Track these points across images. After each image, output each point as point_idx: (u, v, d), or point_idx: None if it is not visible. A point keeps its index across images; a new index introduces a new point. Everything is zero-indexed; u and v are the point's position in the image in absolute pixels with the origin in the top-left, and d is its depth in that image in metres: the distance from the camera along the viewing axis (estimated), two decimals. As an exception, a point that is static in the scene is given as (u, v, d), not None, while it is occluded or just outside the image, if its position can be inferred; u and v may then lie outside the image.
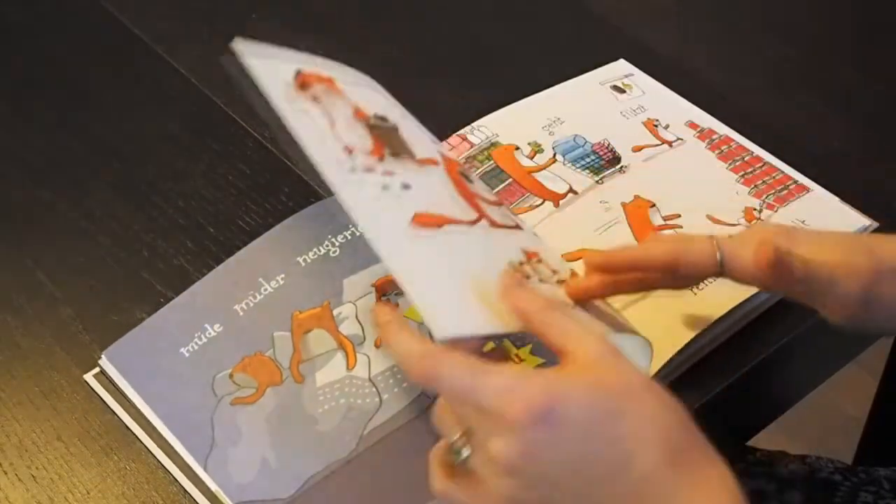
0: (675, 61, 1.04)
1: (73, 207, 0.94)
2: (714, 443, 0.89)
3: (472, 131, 0.94)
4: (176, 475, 0.76)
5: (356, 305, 0.82)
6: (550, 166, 0.92)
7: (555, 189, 0.90)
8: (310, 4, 1.14)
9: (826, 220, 0.88)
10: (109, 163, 0.98)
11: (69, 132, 1.01)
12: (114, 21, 1.10)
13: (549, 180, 0.91)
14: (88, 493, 0.76)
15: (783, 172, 0.92)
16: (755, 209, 0.88)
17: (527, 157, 0.92)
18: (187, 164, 0.97)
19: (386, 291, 0.82)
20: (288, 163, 0.95)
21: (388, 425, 0.77)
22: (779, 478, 0.92)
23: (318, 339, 0.80)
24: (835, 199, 0.90)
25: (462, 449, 0.61)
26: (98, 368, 0.81)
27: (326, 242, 0.84)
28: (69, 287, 0.88)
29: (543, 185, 0.90)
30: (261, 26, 1.11)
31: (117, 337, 0.82)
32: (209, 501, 0.75)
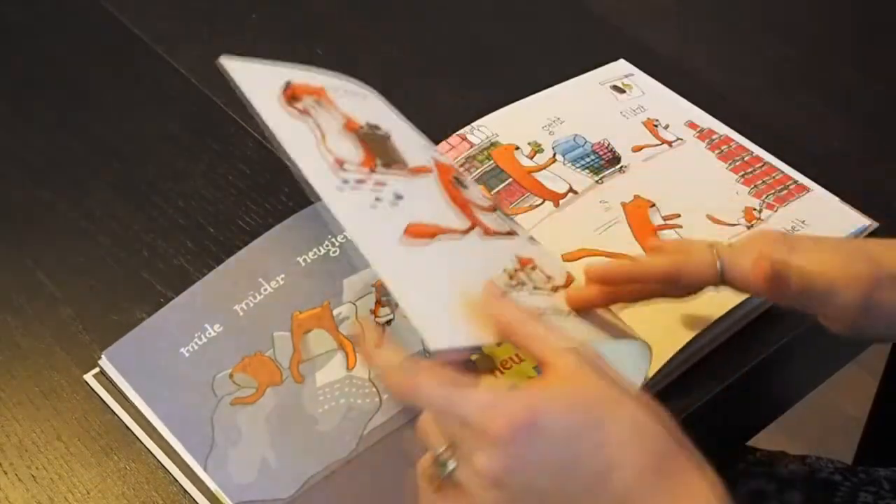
0: (675, 61, 1.04)
1: (73, 207, 0.94)
2: (714, 443, 0.89)
3: (472, 131, 0.94)
4: (176, 475, 0.76)
5: (356, 305, 0.82)
6: (550, 166, 0.92)
7: (555, 189, 0.90)
8: (310, 4, 1.14)
9: (826, 220, 0.88)
10: (109, 163, 0.98)
11: (69, 132, 1.01)
12: (114, 21, 1.10)
13: (549, 180, 0.91)
14: (88, 493, 0.76)
15: (783, 172, 0.92)
16: (755, 209, 0.88)
17: (527, 157, 0.92)
18: (187, 164, 0.97)
19: (386, 292, 0.82)
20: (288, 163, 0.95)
21: (388, 425, 0.77)
22: (779, 478, 0.92)
23: (318, 340, 0.80)
24: (835, 199, 0.90)
25: (448, 462, 0.61)
26: (98, 368, 0.82)
27: (326, 242, 0.84)
28: (69, 287, 0.88)
29: (543, 185, 0.90)
30: (261, 26, 1.11)
31: (117, 337, 0.82)
32: (209, 501, 0.75)
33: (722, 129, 0.95)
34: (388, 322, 0.80)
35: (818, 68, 1.06)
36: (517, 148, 0.93)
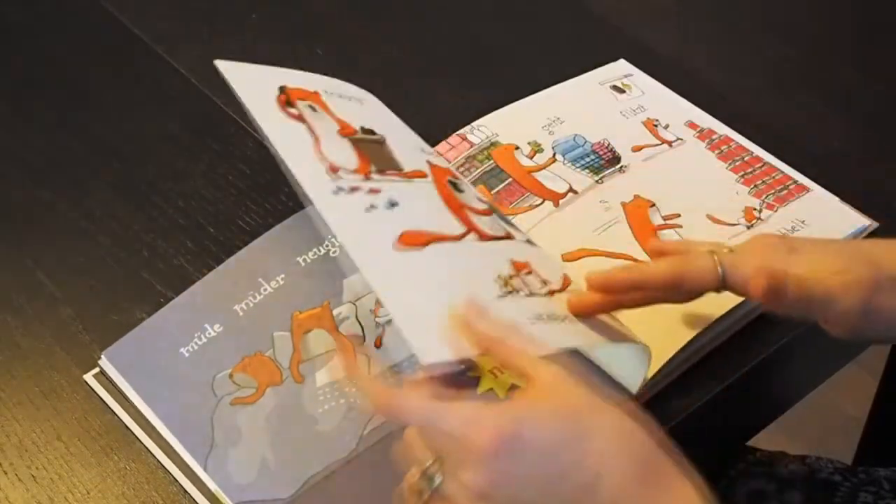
0: (675, 61, 1.04)
1: (73, 207, 0.94)
2: (714, 443, 0.89)
3: (472, 131, 0.94)
4: (176, 475, 0.76)
5: (356, 305, 0.82)
6: (550, 166, 0.92)
7: (554, 189, 0.90)
8: (310, 4, 1.14)
9: (826, 220, 0.88)
10: (109, 163, 0.98)
11: (69, 132, 1.01)
12: (114, 21, 1.10)
13: (549, 180, 0.90)
14: (88, 493, 0.76)
15: (783, 172, 0.92)
16: (755, 209, 0.88)
17: (526, 157, 0.92)
18: (187, 164, 0.97)
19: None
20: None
21: (388, 425, 0.76)
22: (779, 478, 0.92)
23: (318, 340, 0.80)
24: (835, 199, 0.90)
25: (434, 476, 0.62)
26: (98, 368, 0.82)
27: (326, 242, 0.84)
28: (69, 287, 0.88)
29: (543, 185, 0.90)
30: (261, 26, 1.11)
31: (117, 337, 0.82)
32: (209, 502, 0.75)
33: (722, 129, 0.95)
34: (389, 322, 0.80)
35: (818, 68, 1.06)
36: (517, 148, 0.93)
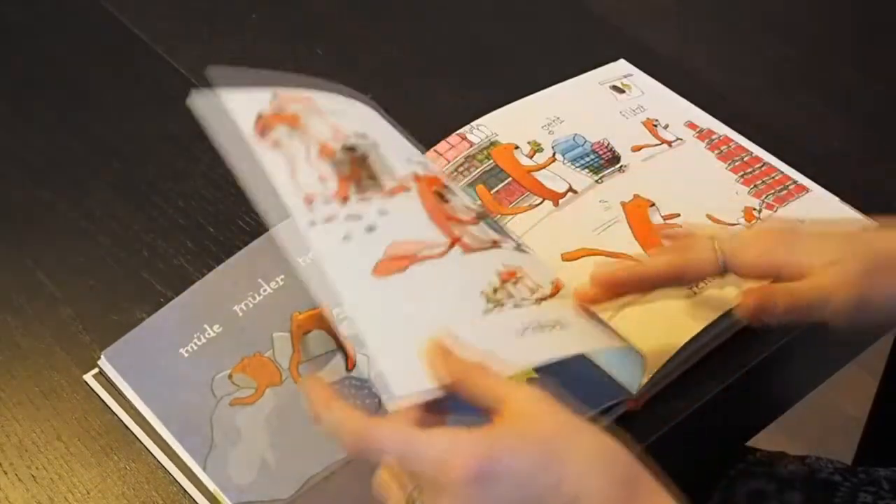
0: (675, 61, 1.04)
1: (73, 207, 0.94)
2: (714, 443, 0.89)
3: (472, 130, 0.94)
4: (176, 475, 0.76)
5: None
6: (550, 165, 0.92)
7: (554, 188, 0.90)
8: (310, 4, 1.14)
9: (826, 221, 0.87)
10: (109, 163, 0.98)
11: (69, 132, 1.01)
12: (114, 21, 1.10)
13: (549, 179, 0.90)
14: (88, 493, 0.76)
15: (782, 172, 0.92)
16: (755, 209, 0.88)
17: (526, 157, 0.92)
18: (187, 164, 0.97)
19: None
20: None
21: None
22: (779, 478, 0.92)
23: (318, 340, 0.80)
24: (835, 199, 0.90)
25: (416, 501, 0.62)
26: (97, 369, 0.82)
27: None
28: (69, 287, 0.88)
29: (543, 185, 0.90)
30: (261, 26, 1.11)
31: (117, 337, 0.82)
32: (209, 502, 0.75)
33: (721, 130, 0.95)
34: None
35: (818, 68, 1.06)
36: (517, 147, 0.93)
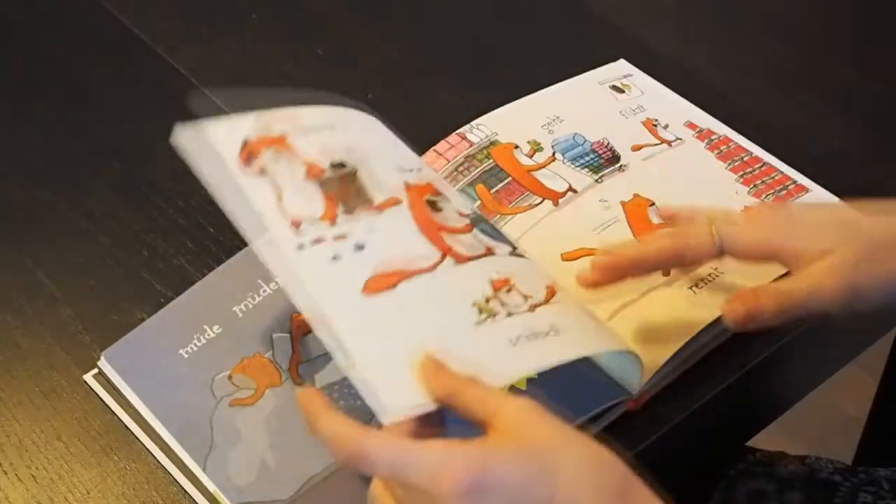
0: (675, 61, 1.04)
1: (73, 207, 0.94)
2: (714, 443, 0.89)
3: (472, 130, 0.94)
4: (176, 476, 0.76)
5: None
6: (550, 165, 0.92)
7: (554, 188, 0.90)
8: (310, 4, 1.14)
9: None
10: (109, 163, 0.98)
11: (69, 132, 1.01)
12: (114, 21, 1.10)
13: (549, 179, 0.90)
14: (88, 493, 0.77)
15: (782, 172, 0.92)
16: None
17: (526, 156, 0.92)
18: (187, 164, 0.97)
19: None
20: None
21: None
22: (779, 478, 0.92)
23: (318, 341, 0.80)
24: (834, 199, 0.89)
25: None
26: (97, 369, 0.82)
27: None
28: (69, 287, 0.88)
29: (543, 184, 0.90)
30: (261, 26, 1.11)
31: (117, 337, 0.82)
32: (209, 502, 0.75)
33: (721, 130, 0.95)
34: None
35: (818, 68, 1.06)
36: (516, 147, 0.93)
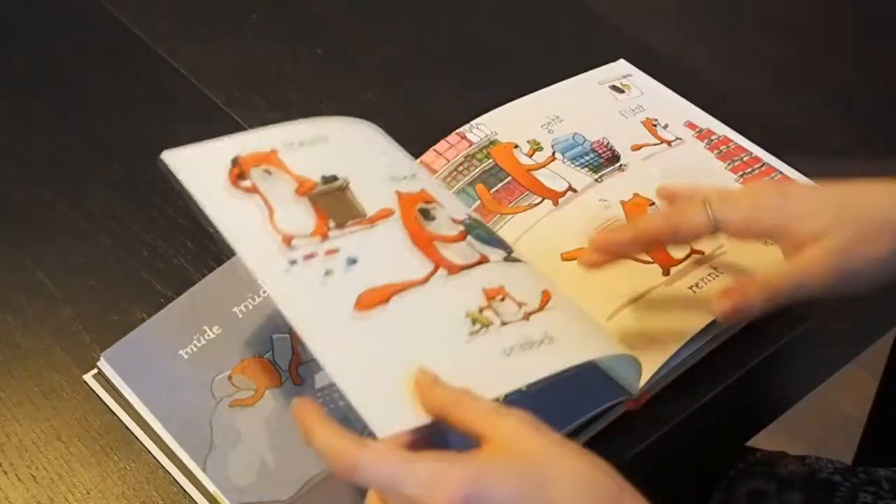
0: (675, 61, 1.04)
1: (73, 207, 0.94)
2: (714, 443, 0.89)
3: (471, 129, 0.94)
4: (176, 476, 0.76)
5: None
6: (549, 164, 0.92)
7: (554, 187, 0.90)
8: (310, 4, 1.14)
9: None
10: (109, 163, 0.98)
11: (69, 132, 1.01)
12: (114, 21, 1.10)
13: (549, 178, 0.90)
14: (88, 493, 0.77)
15: (782, 172, 0.91)
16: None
17: (526, 155, 0.92)
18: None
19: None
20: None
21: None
22: (779, 478, 0.92)
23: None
24: (834, 200, 0.89)
25: None
26: (97, 369, 0.82)
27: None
28: (69, 287, 0.88)
29: (542, 184, 0.90)
30: (261, 26, 1.11)
31: (117, 337, 0.82)
32: (209, 503, 0.75)
33: (721, 130, 0.95)
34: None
35: (818, 68, 1.06)
36: (516, 146, 0.93)
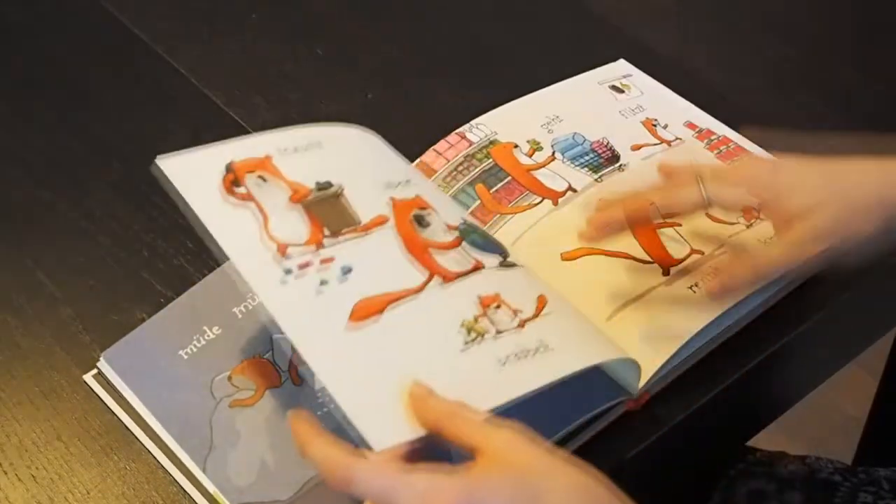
0: (675, 61, 1.04)
1: (73, 207, 0.94)
2: (714, 443, 0.89)
3: (471, 129, 0.94)
4: (176, 476, 0.76)
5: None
6: (549, 164, 0.92)
7: (553, 187, 0.90)
8: (310, 4, 1.14)
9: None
10: (109, 163, 0.98)
11: (69, 132, 1.01)
12: (114, 21, 1.10)
13: (548, 178, 0.90)
14: (88, 493, 0.77)
15: (782, 172, 0.91)
16: (754, 209, 0.88)
17: (525, 155, 0.92)
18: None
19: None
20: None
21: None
22: (779, 478, 0.92)
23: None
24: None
25: None
26: (97, 370, 0.82)
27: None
28: (69, 287, 0.88)
29: (542, 183, 0.90)
30: (261, 26, 1.11)
31: (117, 337, 0.82)
32: (208, 503, 0.75)
33: (721, 130, 0.95)
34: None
35: (818, 68, 1.06)
36: (516, 146, 0.93)
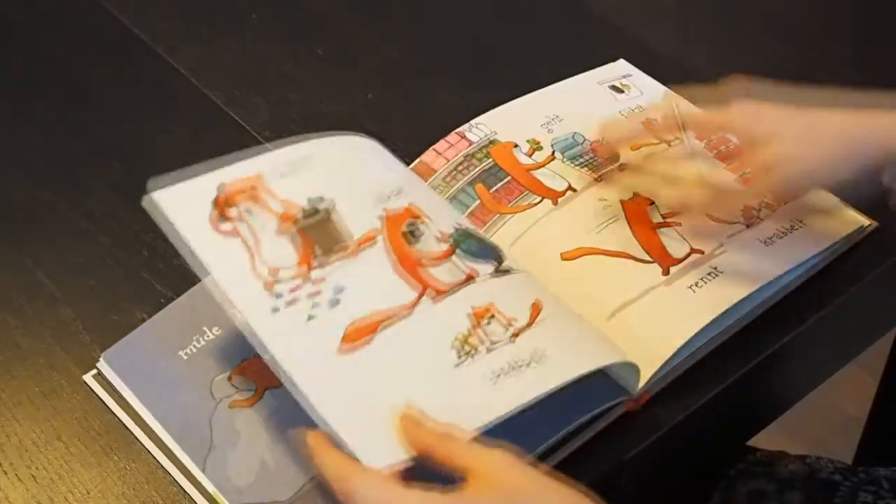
0: (675, 61, 1.04)
1: (73, 207, 0.94)
2: (714, 443, 0.89)
3: (471, 129, 0.94)
4: (176, 476, 0.76)
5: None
6: (549, 164, 0.91)
7: (553, 187, 0.90)
8: (310, 4, 1.14)
9: (825, 220, 0.87)
10: (109, 163, 0.98)
11: (69, 132, 1.01)
12: (114, 21, 1.10)
13: (548, 178, 0.90)
14: (88, 493, 0.77)
15: (782, 172, 0.91)
16: (754, 208, 0.88)
17: (525, 155, 0.92)
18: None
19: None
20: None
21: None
22: (779, 478, 0.92)
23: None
24: (834, 199, 0.89)
25: None
26: (97, 370, 0.82)
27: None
28: (69, 287, 0.88)
29: (542, 183, 0.90)
30: (261, 26, 1.11)
31: (117, 337, 0.82)
32: (208, 503, 0.75)
33: (721, 129, 0.95)
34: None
35: (818, 68, 1.06)
36: (516, 146, 0.93)
